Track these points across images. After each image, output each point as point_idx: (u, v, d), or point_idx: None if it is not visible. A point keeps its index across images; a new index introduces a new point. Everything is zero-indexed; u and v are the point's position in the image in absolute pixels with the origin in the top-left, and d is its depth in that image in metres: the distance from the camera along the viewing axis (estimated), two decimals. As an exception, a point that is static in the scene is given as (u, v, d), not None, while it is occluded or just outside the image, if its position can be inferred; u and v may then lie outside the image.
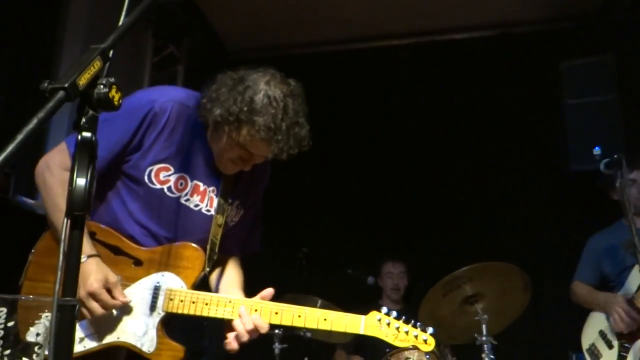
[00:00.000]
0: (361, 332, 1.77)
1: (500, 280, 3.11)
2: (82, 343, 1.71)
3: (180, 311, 1.78)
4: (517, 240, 4.52)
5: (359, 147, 5.22)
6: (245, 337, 1.78)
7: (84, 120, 1.07)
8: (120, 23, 1.20)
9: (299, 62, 5.46)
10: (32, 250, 1.83)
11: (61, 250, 1.03)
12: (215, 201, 1.92)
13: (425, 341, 1.75)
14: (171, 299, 1.78)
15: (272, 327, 1.88)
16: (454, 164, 4.98)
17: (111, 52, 1.12)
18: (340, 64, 5.45)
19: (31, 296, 1.65)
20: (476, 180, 4.86)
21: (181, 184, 1.85)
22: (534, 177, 4.75)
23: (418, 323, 1.77)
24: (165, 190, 1.83)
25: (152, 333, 1.75)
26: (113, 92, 1.08)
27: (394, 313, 1.78)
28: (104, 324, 1.73)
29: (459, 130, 5.02)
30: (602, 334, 3.14)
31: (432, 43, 5.29)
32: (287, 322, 1.78)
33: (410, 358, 3.25)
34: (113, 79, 1.09)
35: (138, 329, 1.75)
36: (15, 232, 2.86)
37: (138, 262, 1.81)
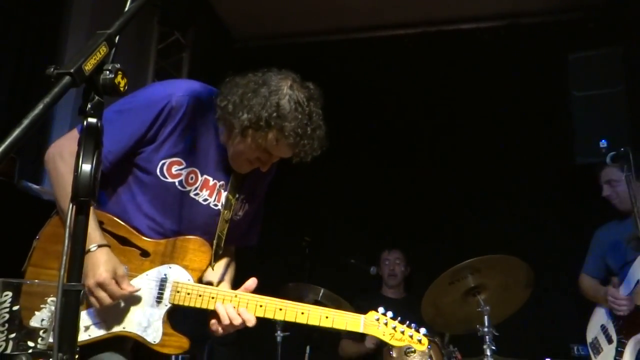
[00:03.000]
0: (361, 330, 1.86)
1: (505, 274, 3.11)
2: (88, 331, 1.72)
3: (186, 304, 1.79)
4: (522, 233, 4.51)
5: (363, 137, 5.20)
6: (236, 322, 1.77)
7: (89, 105, 1.07)
8: (126, 9, 1.19)
9: (303, 51, 5.44)
10: (37, 237, 1.83)
11: (66, 235, 1.04)
12: (224, 196, 1.94)
13: (419, 341, 1.86)
14: (178, 292, 1.79)
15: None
16: (459, 154, 4.96)
17: (117, 38, 1.12)
18: (345, 53, 5.42)
19: (37, 280, 1.67)
20: (481, 171, 4.84)
21: (191, 178, 1.87)
22: (540, 169, 4.73)
23: (413, 324, 1.88)
24: (177, 184, 1.85)
25: (158, 324, 1.76)
26: (119, 78, 1.08)
27: (390, 313, 1.87)
28: (110, 313, 1.73)
29: (464, 121, 5.00)
30: (603, 329, 3.17)
31: (438, 33, 5.26)
32: (290, 318, 1.81)
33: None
34: (119, 65, 1.09)
35: (144, 320, 1.76)
36: (19, 217, 2.87)
37: (145, 254, 1.82)
